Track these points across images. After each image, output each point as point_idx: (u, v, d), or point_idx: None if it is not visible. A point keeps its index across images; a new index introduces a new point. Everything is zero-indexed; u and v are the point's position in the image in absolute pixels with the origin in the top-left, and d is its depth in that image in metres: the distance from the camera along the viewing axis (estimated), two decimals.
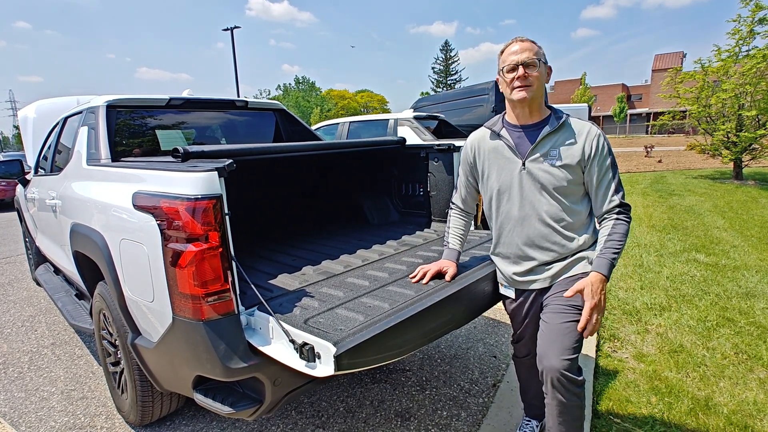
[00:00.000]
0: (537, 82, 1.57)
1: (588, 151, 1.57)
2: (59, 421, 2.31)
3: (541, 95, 1.61)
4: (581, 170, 1.59)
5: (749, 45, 9.74)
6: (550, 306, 1.62)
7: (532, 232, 1.65)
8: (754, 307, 3.27)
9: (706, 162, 14.40)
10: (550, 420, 1.59)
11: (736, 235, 5.42)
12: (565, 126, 1.61)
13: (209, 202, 1.42)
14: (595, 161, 1.57)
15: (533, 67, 1.55)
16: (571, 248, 1.63)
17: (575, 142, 1.58)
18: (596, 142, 1.57)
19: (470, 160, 1.81)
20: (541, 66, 1.58)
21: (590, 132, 1.59)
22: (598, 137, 1.58)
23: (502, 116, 1.73)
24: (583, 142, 1.57)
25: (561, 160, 1.58)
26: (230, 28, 25.14)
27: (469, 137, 1.83)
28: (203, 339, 1.43)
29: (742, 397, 2.23)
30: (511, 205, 1.68)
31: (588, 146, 1.57)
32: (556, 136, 1.60)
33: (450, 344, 2.98)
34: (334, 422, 2.20)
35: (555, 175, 1.58)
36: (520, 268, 1.70)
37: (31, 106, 4.70)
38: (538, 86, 1.58)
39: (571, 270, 1.64)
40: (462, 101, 7.51)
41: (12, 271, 5.33)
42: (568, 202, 1.61)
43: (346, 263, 2.15)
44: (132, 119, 2.92)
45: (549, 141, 1.60)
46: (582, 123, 1.62)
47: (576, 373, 1.52)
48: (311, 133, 3.64)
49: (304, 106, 44.29)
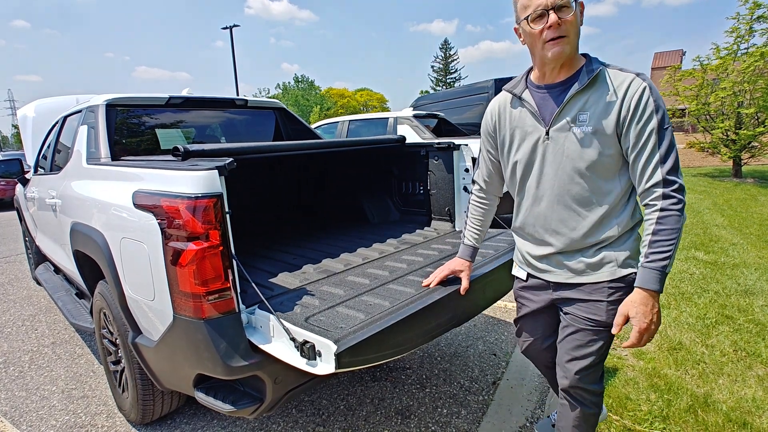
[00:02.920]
0: (573, 29, 1.23)
1: (625, 112, 1.22)
2: (60, 419, 2.32)
3: (577, 45, 1.28)
4: (617, 137, 1.26)
5: (748, 43, 9.76)
6: (570, 316, 1.43)
7: (551, 214, 1.38)
8: (752, 305, 3.28)
9: (706, 160, 14.40)
10: (562, 421, 1.55)
11: (735, 232, 5.43)
12: (599, 80, 1.26)
13: (210, 200, 1.42)
14: (633, 124, 1.21)
15: (567, 9, 1.21)
16: (598, 239, 1.33)
17: (610, 100, 1.23)
18: (637, 98, 1.20)
19: (490, 130, 1.53)
20: (572, 7, 1.22)
21: (631, 86, 1.21)
22: (641, 92, 1.20)
23: (526, 75, 1.42)
24: (621, 101, 1.22)
25: (591, 125, 1.25)
26: (229, 27, 25.11)
27: (491, 103, 1.54)
28: (204, 337, 1.43)
29: (741, 394, 2.23)
30: (531, 182, 1.41)
31: (626, 105, 1.21)
32: (587, 95, 1.27)
33: (450, 342, 2.99)
34: (334, 420, 2.21)
35: (583, 144, 1.27)
36: (537, 251, 1.47)
37: (31, 105, 4.69)
38: (575, 34, 1.24)
39: (596, 273, 1.35)
40: (462, 100, 7.51)
41: (12, 271, 5.33)
42: (599, 179, 1.30)
43: (346, 262, 2.15)
44: (131, 118, 2.92)
45: (577, 102, 1.28)
46: (623, 75, 1.24)
47: (595, 384, 1.45)
48: (311, 132, 3.64)
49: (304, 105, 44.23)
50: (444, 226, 2.81)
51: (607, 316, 1.35)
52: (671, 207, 1.20)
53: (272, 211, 3.44)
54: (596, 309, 1.37)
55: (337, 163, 3.49)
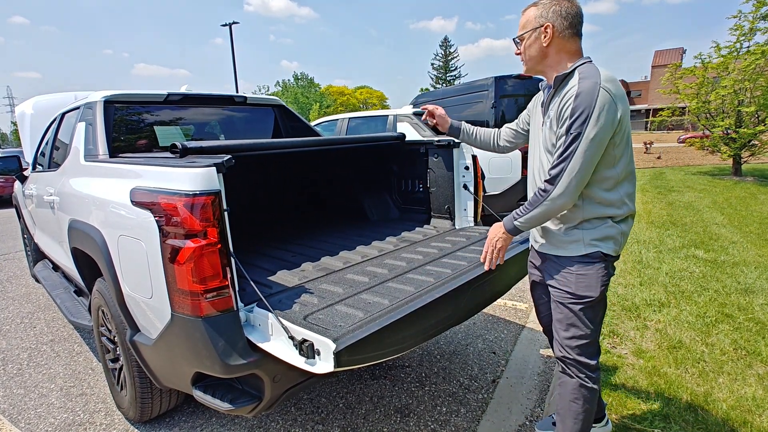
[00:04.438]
0: (524, 55, 1.58)
1: (557, 111, 1.47)
2: (58, 417, 2.31)
3: (539, 63, 1.57)
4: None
5: (750, 41, 9.72)
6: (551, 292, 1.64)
7: (532, 184, 1.67)
8: (752, 303, 3.28)
9: (706, 158, 14.40)
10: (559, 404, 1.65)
11: (735, 231, 5.42)
12: (562, 84, 1.50)
13: (208, 198, 1.41)
14: (558, 123, 1.47)
15: (520, 41, 1.59)
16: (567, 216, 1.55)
17: (560, 101, 1.47)
18: (564, 101, 1.43)
19: (530, 107, 1.82)
20: (526, 36, 1.55)
21: (570, 90, 1.42)
22: (571, 98, 1.40)
23: None
24: (559, 102, 1.47)
25: (549, 120, 1.53)
26: (229, 24, 25.02)
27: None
28: (202, 336, 1.43)
29: (741, 393, 2.23)
30: (529, 158, 1.73)
31: (559, 105, 1.46)
32: (558, 96, 1.51)
33: (449, 340, 2.98)
34: (333, 418, 2.21)
35: (546, 135, 1.56)
36: None
37: (29, 102, 4.66)
38: (528, 58, 1.58)
39: (564, 248, 1.57)
40: (462, 97, 7.49)
41: (10, 268, 5.32)
42: None
43: (345, 260, 2.15)
44: (130, 115, 2.91)
45: (554, 101, 1.53)
46: (575, 79, 1.44)
47: (587, 357, 1.57)
48: (310, 129, 3.62)
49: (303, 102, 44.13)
50: (444, 224, 2.80)
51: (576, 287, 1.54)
52: (538, 193, 1.50)
53: (271, 209, 3.43)
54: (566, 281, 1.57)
55: (336, 160, 3.48)
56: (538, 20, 1.52)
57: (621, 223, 1.53)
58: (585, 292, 1.53)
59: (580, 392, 1.59)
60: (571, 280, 1.55)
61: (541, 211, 1.49)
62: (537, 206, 1.50)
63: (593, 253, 1.52)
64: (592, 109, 1.35)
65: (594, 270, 1.52)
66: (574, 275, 1.54)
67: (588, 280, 1.52)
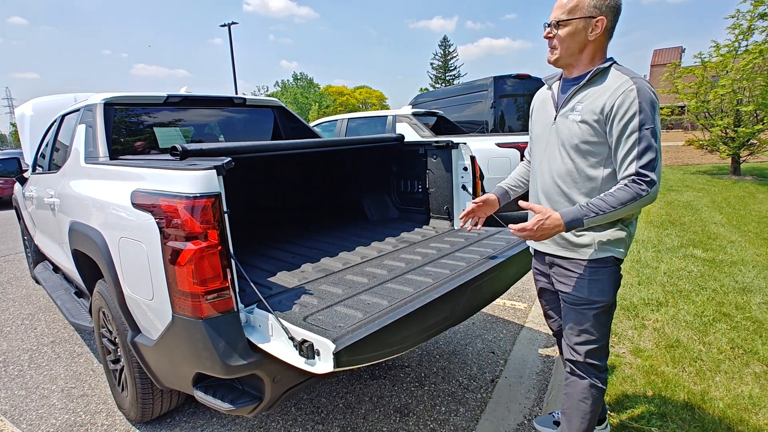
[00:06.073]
0: (561, 44, 1.45)
1: (608, 108, 1.38)
2: (60, 418, 2.32)
3: (572, 55, 1.47)
4: (602, 130, 1.42)
5: (749, 40, 9.73)
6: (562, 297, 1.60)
7: (541, 185, 1.60)
8: (750, 302, 3.29)
9: (705, 157, 14.40)
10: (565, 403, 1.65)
11: (733, 230, 5.44)
12: (598, 79, 1.44)
13: (208, 200, 1.42)
14: (614, 120, 1.37)
15: (557, 27, 1.44)
16: None
17: (601, 96, 1.40)
18: (621, 98, 1.35)
19: (531, 111, 1.76)
20: (573, 24, 1.41)
21: (620, 87, 1.37)
22: (626, 93, 1.35)
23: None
24: (607, 98, 1.38)
25: (581, 115, 1.43)
26: (228, 24, 25.01)
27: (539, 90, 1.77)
28: (203, 337, 1.44)
29: (738, 392, 2.24)
30: (535, 156, 1.65)
31: (610, 102, 1.37)
32: (586, 90, 1.45)
33: (448, 340, 3.00)
34: (333, 418, 2.22)
35: (573, 131, 1.46)
36: None
37: (29, 103, 4.67)
38: (565, 48, 1.45)
39: (574, 251, 1.52)
40: (461, 97, 7.51)
41: (11, 270, 5.32)
42: (584, 164, 1.47)
43: (345, 260, 2.16)
44: (129, 117, 2.92)
45: (578, 95, 1.47)
46: (620, 76, 1.40)
47: (597, 359, 1.56)
48: (310, 131, 3.63)
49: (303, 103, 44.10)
50: (442, 224, 2.81)
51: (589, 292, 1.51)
52: (630, 187, 1.35)
53: (271, 210, 3.44)
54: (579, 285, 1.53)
55: (336, 161, 3.49)
56: (592, 10, 1.40)
57: (629, 226, 1.52)
58: (599, 297, 1.51)
59: (590, 392, 1.59)
60: (584, 285, 1.52)
61: (635, 206, 1.35)
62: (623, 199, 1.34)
63: (606, 258, 1.50)
64: (652, 105, 1.35)
65: (607, 274, 1.51)
66: (587, 280, 1.52)
67: (601, 285, 1.51)
